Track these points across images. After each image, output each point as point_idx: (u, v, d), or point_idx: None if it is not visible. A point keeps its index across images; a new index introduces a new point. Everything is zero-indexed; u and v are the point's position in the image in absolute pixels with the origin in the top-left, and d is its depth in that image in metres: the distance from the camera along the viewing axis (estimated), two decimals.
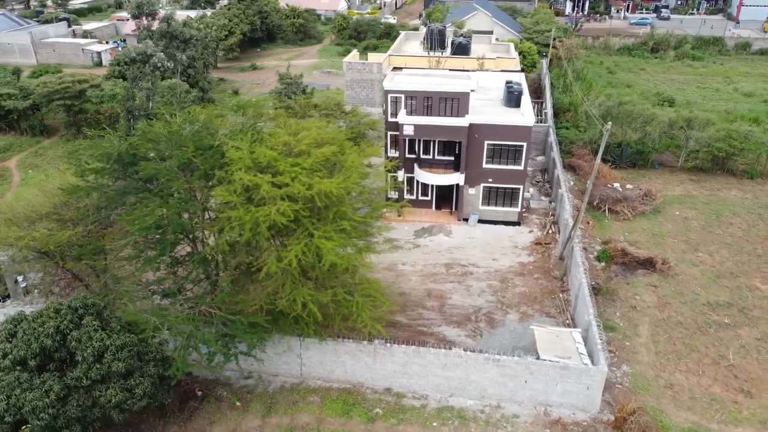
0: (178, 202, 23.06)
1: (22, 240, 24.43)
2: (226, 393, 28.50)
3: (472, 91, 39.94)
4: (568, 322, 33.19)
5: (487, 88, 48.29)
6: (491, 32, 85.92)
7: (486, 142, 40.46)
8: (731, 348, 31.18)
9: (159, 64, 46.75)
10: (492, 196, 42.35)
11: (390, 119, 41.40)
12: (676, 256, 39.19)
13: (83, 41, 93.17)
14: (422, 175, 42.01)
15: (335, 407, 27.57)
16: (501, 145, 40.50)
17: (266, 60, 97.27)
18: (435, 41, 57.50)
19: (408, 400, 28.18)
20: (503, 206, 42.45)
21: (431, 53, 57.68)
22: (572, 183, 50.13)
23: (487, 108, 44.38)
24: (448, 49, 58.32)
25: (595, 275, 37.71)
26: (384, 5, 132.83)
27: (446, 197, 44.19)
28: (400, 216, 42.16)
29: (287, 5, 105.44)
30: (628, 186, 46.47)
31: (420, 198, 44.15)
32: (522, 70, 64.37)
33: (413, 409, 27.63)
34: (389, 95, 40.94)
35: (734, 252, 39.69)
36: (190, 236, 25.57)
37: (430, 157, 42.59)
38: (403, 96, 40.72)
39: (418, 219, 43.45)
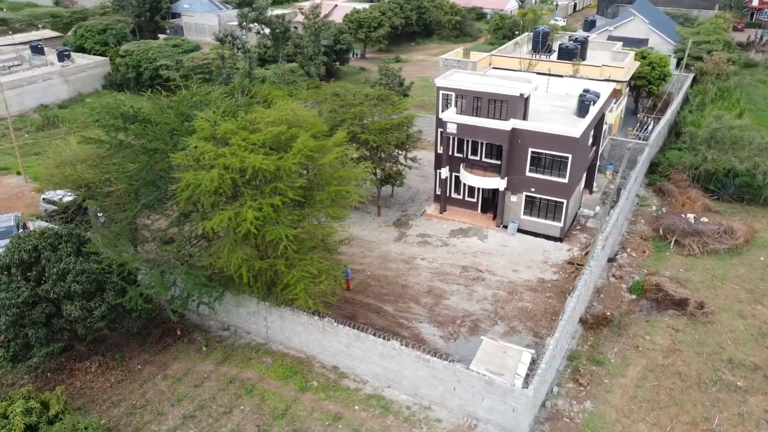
0: (148, 160, 26.71)
1: (55, 177, 30.17)
2: (200, 338, 31.98)
3: (521, 95, 38.51)
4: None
5: (572, 95, 45.81)
6: (646, 40, 79.84)
7: (530, 149, 38.85)
8: (725, 413, 27.01)
9: (239, 45, 52.10)
10: (534, 207, 40.54)
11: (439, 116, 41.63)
12: (726, 303, 34.31)
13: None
14: (464, 175, 41.63)
15: (279, 371, 29.56)
16: (545, 154, 38.59)
17: (415, 54, 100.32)
18: (540, 44, 55.37)
19: (348, 381, 29.14)
20: (545, 219, 40.41)
21: (535, 56, 55.74)
22: (654, 208, 45.65)
23: (556, 116, 42.49)
24: (555, 53, 55.80)
25: (617, 306, 34.67)
26: (557, 7, 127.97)
27: (493, 201, 43.18)
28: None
29: (447, 2, 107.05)
30: (704, 219, 41.14)
31: (466, 199, 43.69)
32: (649, 84, 59.44)
33: (347, 390, 28.56)
34: (440, 92, 41.12)
35: None
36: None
37: (477, 158, 41.94)
38: (453, 94, 40.67)
39: (458, 219, 43.13)
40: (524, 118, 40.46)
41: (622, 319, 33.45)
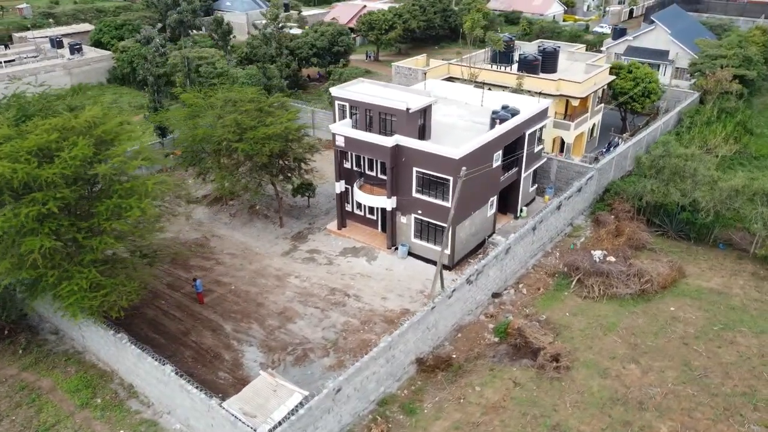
0: None
1: None
2: (25, 340, 31.78)
3: (408, 109, 35.57)
4: None
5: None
6: (667, 52, 73.21)
7: (414, 169, 35.92)
8: None
9: (155, 48, 51.85)
10: (424, 231, 37.52)
11: None
12: (594, 358, 30.05)
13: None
14: (355, 191, 39.21)
15: (74, 383, 28.78)
16: (428, 174, 35.54)
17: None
18: (498, 54, 51.43)
19: (135, 401, 27.92)
20: (434, 244, 37.27)
21: (493, 66, 51.98)
22: (583, 239, 41.18)
23: (470, 132, 39.36)
24: (516, 65, 51.70)
25: (470, 348, 31.34)
26: (605, 13, 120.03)
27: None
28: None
29: (476, 6, 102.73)
30: (610, 258, 36.37)
31: (367, 216, 41.18)
32: (632, 101, 54.06)
33: (127, 411, 27.35)
34: (336, 102, 38.88)
35: (686, 379, 28.73)
36: None
37: (374, 173, 39.36)
38: (348, 105, 38.33)
39: (355, 236, 40.71)
40: (422, 133, 37.53)
41: (465, 364, 30.12)
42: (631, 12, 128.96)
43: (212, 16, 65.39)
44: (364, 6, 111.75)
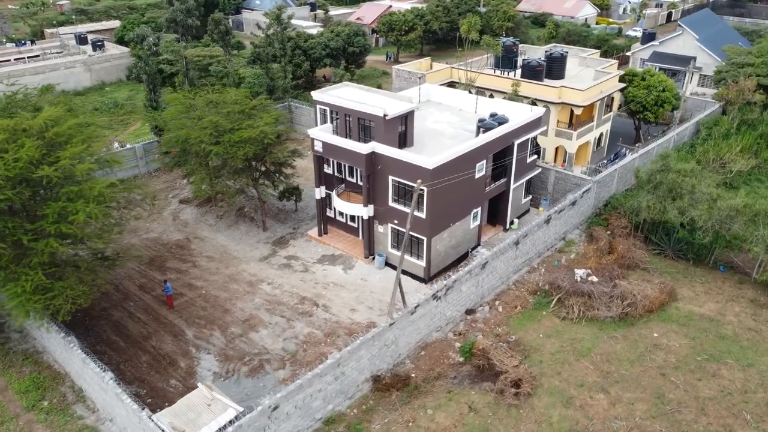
0: None
1: None
2: None
3: (385, 115, 34.39)
4: None
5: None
6: (694, 58, 69.79)
7: (390, 177, 34.75)
8: None
9: (147, 47, 51.88)
10: (401, 241, 36.27)
11: None
12: (560, 385, 28.37)
13: (305, 23, 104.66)
14: (333, 198, 38.26)
15: (25, 383, 28.71)
16: (403, 183, 34.31)
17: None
18: (501, 59, 49.59)
19: (81, 406, 27.66)
20: (410, 256, 36.00)
21: (496, 71, 50.23)
22: (573, 255, 39.28)
23: (456, 140, 37.98)
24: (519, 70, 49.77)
25: (432, 368, 30.03)
26: (640, 17, 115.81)
27: None
28: None
29: (502, 8, 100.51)
30: (593, 278, 34.39)
31: (348, 223, 40.17)
32: (645, 109, 51.57)
33: (71, 416, 27.08)
34: (318, 106, 38.00)
35: (656, 413, 26.81)
36: None
37: (354, 180, 38.35)
38: (328, 110, 37.41)
39: (335, 244, 39.76)
40: (402, 141, 36.32)
41: (423, 384, 28.83)
42: (669, 15, 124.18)
43: (211, 15, 65.17)
44: (390, 6, 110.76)
